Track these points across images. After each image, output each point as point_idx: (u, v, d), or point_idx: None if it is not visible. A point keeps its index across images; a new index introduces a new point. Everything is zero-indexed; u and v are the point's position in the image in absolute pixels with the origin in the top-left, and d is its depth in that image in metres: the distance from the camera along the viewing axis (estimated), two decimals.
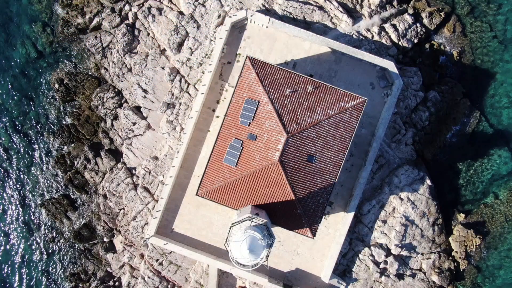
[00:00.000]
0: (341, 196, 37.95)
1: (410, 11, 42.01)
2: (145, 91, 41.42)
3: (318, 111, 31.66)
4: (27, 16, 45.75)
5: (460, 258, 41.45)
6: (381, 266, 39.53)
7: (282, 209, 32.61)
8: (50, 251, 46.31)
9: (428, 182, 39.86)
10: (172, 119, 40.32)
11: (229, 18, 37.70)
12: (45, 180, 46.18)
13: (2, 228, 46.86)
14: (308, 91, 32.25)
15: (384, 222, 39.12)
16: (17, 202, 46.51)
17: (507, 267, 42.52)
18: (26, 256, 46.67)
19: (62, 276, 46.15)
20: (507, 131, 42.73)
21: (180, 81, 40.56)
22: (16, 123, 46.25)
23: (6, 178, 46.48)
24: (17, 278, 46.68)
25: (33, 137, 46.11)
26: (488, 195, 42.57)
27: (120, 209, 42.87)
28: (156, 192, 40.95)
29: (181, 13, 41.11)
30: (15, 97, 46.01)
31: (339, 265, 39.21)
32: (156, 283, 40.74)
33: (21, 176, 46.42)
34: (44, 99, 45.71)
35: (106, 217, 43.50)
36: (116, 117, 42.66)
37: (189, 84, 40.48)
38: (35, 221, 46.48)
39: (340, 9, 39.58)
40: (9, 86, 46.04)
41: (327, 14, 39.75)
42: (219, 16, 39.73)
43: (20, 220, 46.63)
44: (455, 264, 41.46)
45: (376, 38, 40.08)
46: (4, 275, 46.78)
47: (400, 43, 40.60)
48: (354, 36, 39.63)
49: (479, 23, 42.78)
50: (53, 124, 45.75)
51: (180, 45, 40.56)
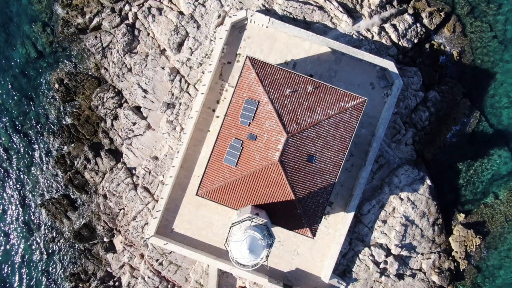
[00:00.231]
0: (341, 196, 37.94)
1: (410, 11, 42.00)
2: (145, 91, 41.42)
3: (318, 111, 31.64)
4: (27, 16, 45.73)
5: (460, 258, 41.43)
6: (381, 266, 39.52)
7: (282, 209, 32.59)
8: (50, 251, 46.29)
9: (428, 182, 39.84)
10: (172, 119, 40.30)
11: (229, 18, 37.69)
12: (45, 180, 46.17)
13: (2, 228, 46.84)
14: (308, 91, 32.23)
15: (384, 222, 39.11)
16: (17, 202, 46.49)
17: (507, 267, 42.50)
18: (26, 256, 46.64)
19: (62, 276, 46.13)
20: (507, 131, 42.71)
21: (180, 81, 40.55)
22: (16, 123, 46.23)
23: (6, 178, 46.46)
24: (17, 278, 46.67)
25: (33, 137, 46.09)
26: (488, 195, 42.56)
27: (120, 209, 42.86)
28: (156, 192, 40.94)
29: (181, 13, 41.10)
30: (15, 97, 46.00)
31: (339, 265, 39.20)
32: (156, 283, 40.73)
33: (21, 176, 46.40)
34: (44, 99, 45.69)
35: (106, 217, 43.49)
36: (116, 117, 42.65)
37: (189, 84, 40.47)
38: (35, 221, 46.46)
39: (340, 9, 39.57)
40: (9, 86, 46.02)
41: (327, 14, 39.74)
42: (219, 16, 39.72)
43: (20, 220, 46.61)
44: (455, 264, 41.44)
45: (376, 38, 40.06)
46: (4, 275, 46.76)
47: (400, 43, 40.59)
48: (354, 36, 39.62)
49: (479, 23, 42.76)
50: (53, 124, 45.73)
51: (180, 45, 40.55)
